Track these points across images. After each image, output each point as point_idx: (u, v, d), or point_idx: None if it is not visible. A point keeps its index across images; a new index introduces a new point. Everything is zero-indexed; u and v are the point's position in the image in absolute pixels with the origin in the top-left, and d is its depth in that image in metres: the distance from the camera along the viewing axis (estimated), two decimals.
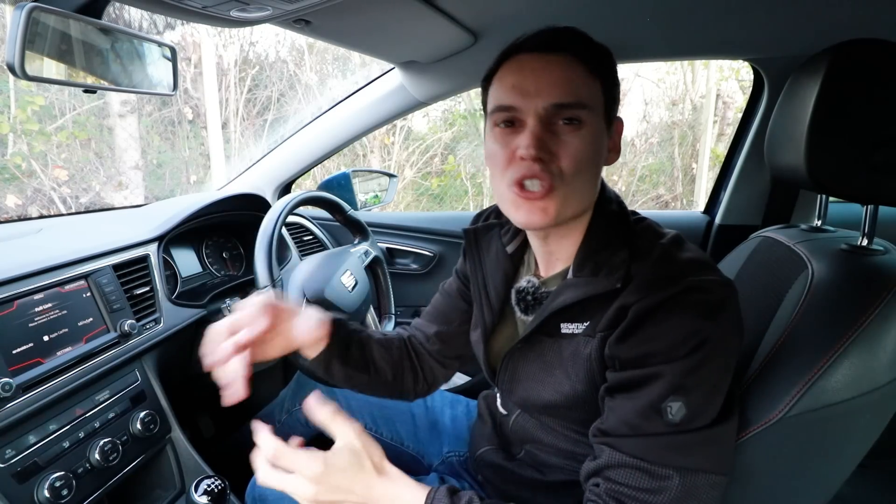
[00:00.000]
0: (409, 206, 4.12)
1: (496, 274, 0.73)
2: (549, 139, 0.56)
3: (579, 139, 0.57)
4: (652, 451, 0.53)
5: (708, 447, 0.53)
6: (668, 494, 0.52)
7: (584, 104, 0.56)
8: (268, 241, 0.86)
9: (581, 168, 0.57)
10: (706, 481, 0.52)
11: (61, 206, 2.90)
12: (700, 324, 0.52)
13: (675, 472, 0.52)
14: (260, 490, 0.81)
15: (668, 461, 0.52)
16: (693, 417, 0.52)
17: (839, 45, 0.60)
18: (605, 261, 0.60)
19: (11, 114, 2.70)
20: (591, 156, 0.58)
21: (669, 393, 0.52)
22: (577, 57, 0.57)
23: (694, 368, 0.52)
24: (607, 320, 0.57)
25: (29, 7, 0.64)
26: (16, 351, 0.72)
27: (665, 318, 0.53)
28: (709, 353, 0.52)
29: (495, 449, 0.80)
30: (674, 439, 0.52)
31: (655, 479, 0.52)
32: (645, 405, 0.53)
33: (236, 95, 3.58)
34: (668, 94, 4.35)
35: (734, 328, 0.55)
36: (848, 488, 0.67)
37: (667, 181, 4.35)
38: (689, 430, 0.52)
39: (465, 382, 1.56)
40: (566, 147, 0.56)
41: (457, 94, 1.39)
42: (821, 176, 0.61)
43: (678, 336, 0.52)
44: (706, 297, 0.53)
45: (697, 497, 0.52)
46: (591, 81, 0.58)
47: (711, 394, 0.53)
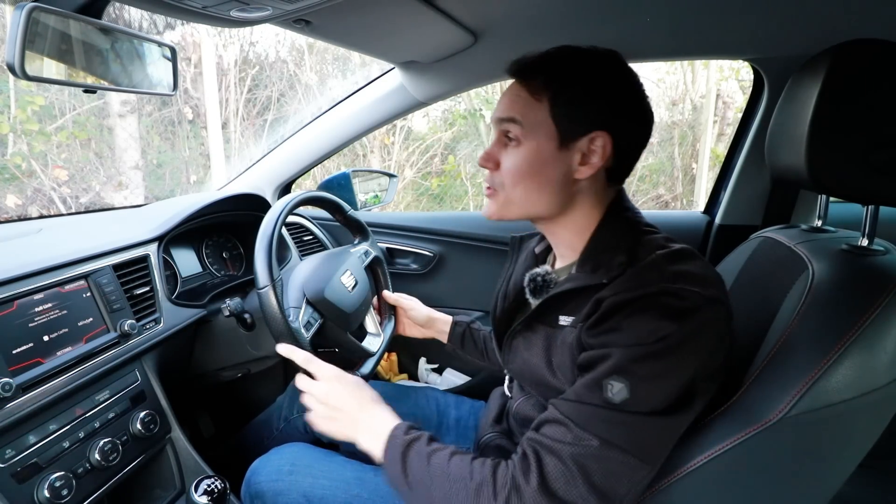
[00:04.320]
0: (409, 206, 4.12)
1: (521, 270, 0.82)
2: (498, 152, 0.69)
3: (514, 155, 0.66)
4: (582, 416, 0.56)
5: (638, 431, 0.55)
6: (580, 451, 0.55)
7: (516, 121, 0.65)
8: (268, 241, 0.86)
9: (516, 180, 0.67)
10: (623, 460, 0.54)
11: (61, 206, 2.90)
12: (664, 323, 0.55)
13: (597, 439, 0.55)
14: (255, 487, 0.82)
15: (594, 429, 0.55)
16: (632, 402, 0.54)
17: (839, 45, 0.60)
18: (604, 261, 0.64)
19: (11, 114, 2.70)
20: (527, 170, 0.66)
21: (613, 372, 0.55)
22: (523, 83, 0.66)
23: (645, 357, 0.54)
24: (585, 312, 0.61)
25: (29, 7, 0.64)
26: (16, 351, 0.72)
27: (631, 314, 0.56)
28: (666, 350, 0.54)
29: (498, 435, 0.84)
30: (607, 413, 0.55)
31: (575, 437, 0.56)
32: (591, 379, 0.57)
33: (236, 95, 3.58)
34: (668, 94, 4.35)
35: (704, 337, 0.56)
36: (848, 488, 0.67)
37: (667, 181, 4.35)
38: (624, 410, 0.55)
39: (465, 382, 1.56)
40: (505, 160, 0.68)
41: (457, 94, 1.39)
42: (821, 176, 0.61)
43: (640, 329, 0.55)
44: (678, 302, 0.56)
45: (608, 470, 0.55)
46: (531, 103, 0.65)
47: (659, 386, 0.55)
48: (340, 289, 0.99)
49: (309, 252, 1.44)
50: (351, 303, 1.00)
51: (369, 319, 1.13)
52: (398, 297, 1.15)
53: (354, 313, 1.01)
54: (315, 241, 1.52)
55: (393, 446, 0.65)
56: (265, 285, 0.83)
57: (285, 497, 0.79)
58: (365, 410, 0.71)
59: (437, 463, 0.62)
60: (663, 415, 0.55)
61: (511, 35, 1.07)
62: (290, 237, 1.39)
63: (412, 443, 0.64)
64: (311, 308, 0.93)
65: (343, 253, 1.10)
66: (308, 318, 0.92)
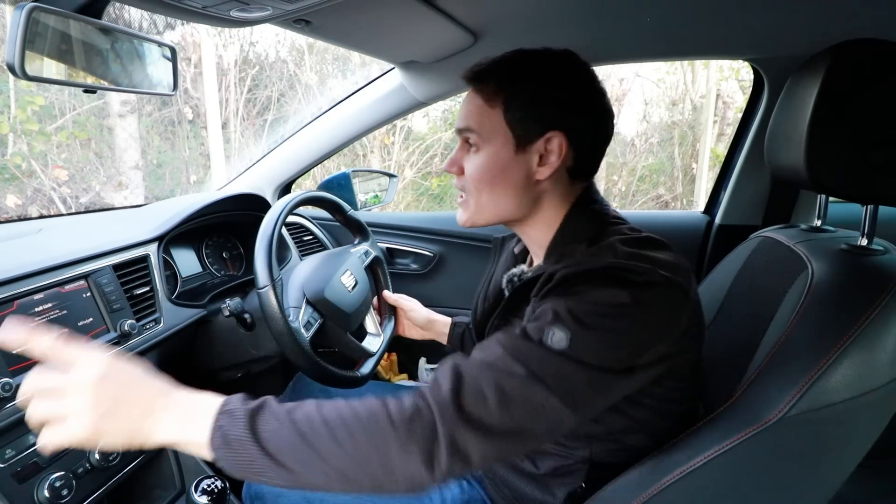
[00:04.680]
0: (409, 206, 4.12)
1: (501, 270, 0.83)
2: (462, 158, 0.70)
3: (475, 160, 0.68)
4: (515, 348, 0.54)
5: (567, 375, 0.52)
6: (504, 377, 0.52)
7: (472, 129, 0.67)
8: (268, 240, 0.86)
9: (480, 183, 0.68)
10: (545, 396, 0.52)
11: (61, 206, 2.90)
12: (617, 291, 0.54)
13: (524, 369, 0.52)
14: (256, 488, 0.82)
15: (524, 360, 0.53)
16: (569, 350, 0.52)
17: (839, 45, 0.60)
18: (568, 252, 0.65)
19: (11, 114, 2.70)
20: (488, 174, 0.67)
21: (558, 322, 0.53)
22: (477, 90, 0.67)
23: (592, 315, 0.53)
24: (538, 287, 0.61)
25: (29, 7, 0.64)
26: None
27: (584, 282, 0.56)
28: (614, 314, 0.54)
29: None
30: (541, 352, 0.53)
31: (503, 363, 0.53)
32: (534, 326, 0.55)
33: (236, 95, 3.58)
34: (668, 94, 4.35)
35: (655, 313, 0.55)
36: (848, 488, 0.67)
37: (667, 181, 4.35)
38: (559, 354, 0.52)
39: None
40: (467, 166, 0.69)
41: (457, 94, 1.39)
42: (821, 176, 0.61)
43: (593, 294, 0.55)
44: (630, 275, 0.56)
45: (528, 402, 0.52)
46: (485, 110, 0.66)
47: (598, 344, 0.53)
48: (340, 289, 0.99)
49: (309, 252, 1.44)
50: (351, 303, 1.00)
51: (369, 319, 1.13)
52: (398, 297, 1.15)
53: (354, 313, 1.01)
54: (315, 241, 1.52)
55: (230, 419, 0.51)
56: (265, 285, 0.83)
57: (286, 498, 0.79)
58: (171, 398, 0.54)
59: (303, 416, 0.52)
60: (595, 369, 0.53)
61: (511, 35, 1.07)
62: (290, 237, 1.39)
63: (259, 407, 0.53)
64: (311, 308, 0.93)
65: (343, 253, 1.10)
66: (308, 317, 0.92)
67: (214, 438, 0.51)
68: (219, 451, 0.51)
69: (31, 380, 0.52)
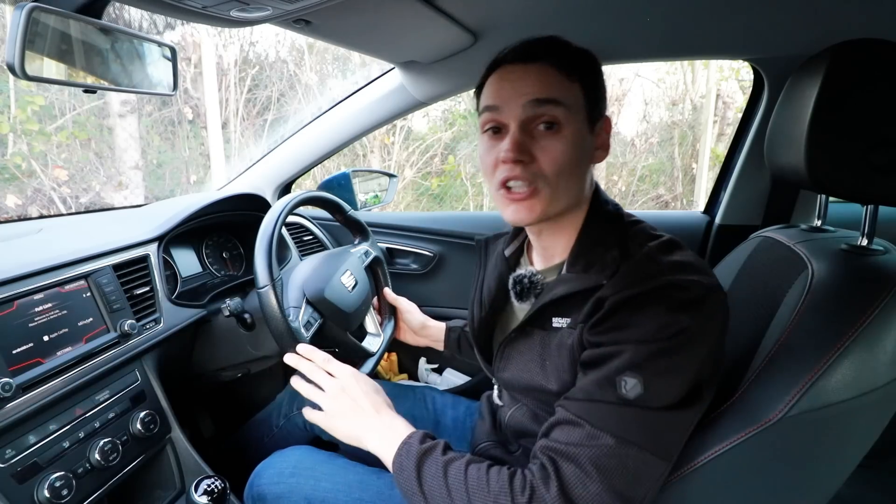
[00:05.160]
0: (409, 206, 4.11)
1: (492, 275, 0.80)
2: (529, 143, 0.61)
3: (557, 142, 0.61)
4: (595, 415, 0.55)
5: (653, 427, 0.54)
6: (596, 451, 0.54)
7: (558, 101, 0.60)
8: (268, 240, 0.86)
9: (562, 169, 0.61)
10: (640, 457, 0.53)
11: (61, 206, 2.90)
12: (674, 316, 0.54)
13: (612, 437, 0.53)
14: (258, 489, 0.82)
15: (609, 427, 0.54)
16: (647, 398, 0.53)
17: (839, 45, 0.60)
18: (596, 258, 0.63)
19: (11, 114, 2.69)
20: (571, 157, 0.62)
21: (627, 368, 0.54)
22: (552, 63, 0.61)
23: (659, 353, 0.53)
24: (586, 313, 0.60)
25: (29, 7, 0.64)
26: (16, 351, 0.72)
27: (639, 309, 0.55)
28: (679, 343, 0.54)
29: (494, 444, 0.82)
30: (621, 410, 0.54)
31: (590, 437, 0.54)
32: (602, 376, 0.55)
33: (236, 95, 3.58)
34: (668, 94, 4.35)
35: (712, 326, 0.56)
36: (848, 488, 0.67)
37: (667, 181, 4.35)
38: (639, 406, 0.53)
39: (464, 383, 1.56)
40: (545, 150, 0.61)
41: (457, 94, 1.39)
42: (821, 176, 0.61)
43: (652, 324, 0.54)
44: (683, 293, 0.55)
45: (626, 467, 0.53)
46: (567, 83, 0.61)
47: (673, 380, 0.54)
48: (340, 289, 0.99)
49: (309, 252, 1.43)
50: (351, 303, 1.00)
51: (369, 319, 1.13)
52: (397, 297, 1.15)
53: (354, 313, 1.01)
54: (315, 241, 1.52)
55: (408, 454, 0.64)
56: (265, 285, 0.83)
57: (287, 500, 0.79)
58: (379, 414, 0.70)
59: (454, 474, 0.61)
60: (677, 408, 0.54)
61: (511, 35, 1.06)
62: (290, 237, 1.39)
63: (428, 452, 0.63)
64: (310, 308, 0.93)
65: (343, 253, 1.10)
66: (308, 317, 0.92)
67: (394, 463, 0.64)
68: (396, 473, 0.64)
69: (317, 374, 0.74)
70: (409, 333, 1.13)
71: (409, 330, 1.12)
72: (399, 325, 1.14)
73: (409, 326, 1.12)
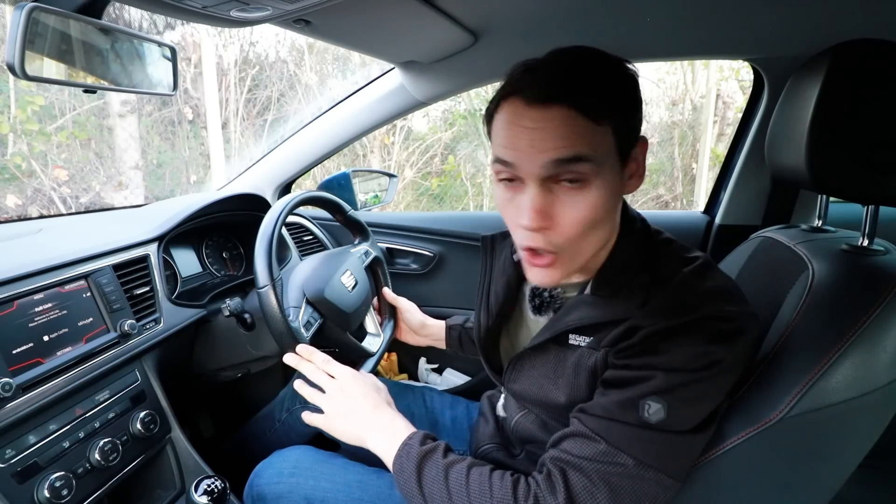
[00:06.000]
0: (409, 206, 4.11)
1: (500, 280, 0.77)
2: (550, 204, 0.54)
3: (583, 201, 0.53)
4: (614, 435, 0.54)
5: (671, 450, 0.54)
6: (611, 469, 0.53)
7: (585, 157, 0.52)
8: (268, 240, 0.86)
9: (587, 230, 0.55)
10: (656, 479, 0.53)
11: (61, 206, 2.90)
12: (710, 347, 0.53)
13: (631, 458, 0.53)
14: (258, 489, 0.82)
15: (627, 449, 0.53)
16: (669, 423, 0.53)
17: (839, 45, 0.60)
18: (625, 283, 0.59)
19: (11, 114, 2.69)
20: (599, 214, 0.54)
21: (653, 393, 0.53)
22: (577, 107, 0.51)
23: (689, 382, 0.53)
24: (614, 337, 0.58)
25: (29, 7, 0.64)
26: (16, 351, 0.72)
27: (674, 337, 0.53)
28: (710, 374, 0.53)
29: (496, 447, 0.81)
30: (641, 433, 0.53)
31: (607, 456, 0.53)
32: (626, 398, 0.54)
33: (236, 95, 3.58)
34: (668, 94, 4.35)
35: (745, 356, 0.56)
36: (848, 488, 0.67)
37: (667, 181, 4.35)
38: (659, 430, 0.53)
39: (464, 383, 1.56)
40: (569, 211, 0.54)
41: (457, 94, 1.39)
42: (821, 176, 0.61)
43: (687, 354, 0.53)
44: (723, 325, 0.54)
45: (640, 489, 0.53)
46: (595, 130, 0.52)
47: (698, 408, 0.54)
48: (340, 289, 0.99)
49: (309, 252, 1.43)
50: (351, 303, 1.00)
51: (369, 319, 1.13)
52: (396, 297, 1.15)
53: (354, 313, 1.01)
54: (315, 241, 1.52)
55: (408, 456, 0.63)
56: (265, 285, 0.83)
57: (287, 499, 0.79)
58: (379, 413, 0.70)
59: (455, 477, 0.60)
60: (695, 432, 0.54)
61: (511, 35, 1.07)
62: (290, 237, 1.39)
63: (429, 454, 0.63)
64: (310, 308, 0.93)
65: (343, 253, 1.10)
66: (308, 317, 0.92)
67: (395, 464, 0.64)
68: (396, 474, 0.64)
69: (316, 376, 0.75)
70: (409, 333, 1.13)
71: (410, 330, 1.12)
72: (399, 325, 1.14)
73: (409, 326, 1.12)
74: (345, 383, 0.73)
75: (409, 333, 1.13)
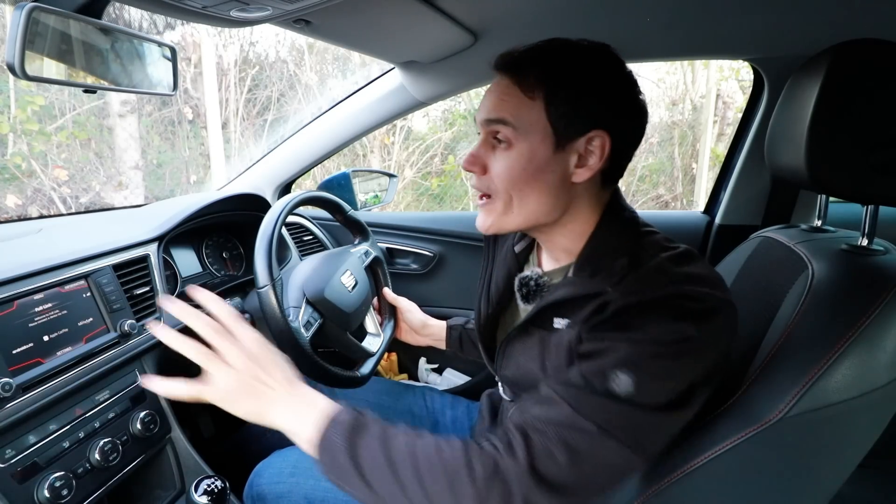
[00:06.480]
0: (409, 206, 4.11)
1: (501, 269, 0.79)
2: (486, 154, 0.64)
3: (506, 158, 0.62)
4: (581, 402, 0.53)
5: (636, 424, 0.53)
6: (573, 435, 0.52)
7: (507, 122, 0.60)
8: (267, 240, 0.86)
9: (511, 185, 0.62)
10: (617, 450, 0.52)
11: (61, 206, 2.90)
12: (680, 324, 0.53)
13: (594, 426, 0.52)
14: (258, 489, 0.82)
15: (591, 415, 0.52)
16: (636, 396, 0.52)
17: (839, 45, 0.60)
18: (605, 266, 0.61)
19: (11, 114, 2.70)
20: (521, 174, 0.61)
21: (622, 365, 0.52)
22: (513, 79, 0.61)
23: (658, 356, 0.52)
24: (587, 313, 0.59)
25: (29, 7, 0.64)
26: (16, 351, 0.72)
27: (643, 314, 0.54)
28: (680, 350, 0.53)
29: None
30: (607, 403, 0.52)
31: (571, 421, 0.53)
32: (595, 368, 0.54)
33: (236, 95, 3.58)
34: (668, 94, 4.35)
35: (718, 341, 0.55)
36: (848, 488, 0.67)
37: (667, 181, 4.35)
38: (626, 403, 0.52)
39: (465, 383, 1.56)
40: (495, 164, 0.63)
41: (457, 94, 1.39)
42: (821, 176, 0.61)
43: (657, 328, 0.53)
44: (693, 304, 0.54)
45: (600, 458, 0.52)
46: (524, 102, 0.60)
47: (666, 385, 0.53)
48: (340, 289, 0.99)
49: (309, 252, 1.43)
50: (351, 303, 1.00)
51: (369, 319, 1.13)
52: (396, 297, 1.15)
53: (354, 313, 1.01)
54: (315, 241, 1.52)
55: (336, 429, 0.57)
56: (265, 285, 0.83)
57: (287, 499, 0.79)
58: (295, 389, 0.61)
59: (397, 446, 0.55)
60: (664, 411, 0.53)
61: (511, 35, 1.07)
62: (290, 237, 1.39)
63: (361, 427, 0.57)
64: (310, 308, 0.93)
65: (343, 253, 1.10)
66: (308, 317, 0.92)
67: (317, 440, 0.57)
68: (320, 454, 0.57)
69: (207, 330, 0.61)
70: (410, 333, 1.13)
71: (411, 329, 1.12)
72: (400, 325, 1.14)
73: (410, 326, 1.12)
74: (252, 347, 0.61)
75: (409, 333, 1.13)
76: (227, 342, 0.61)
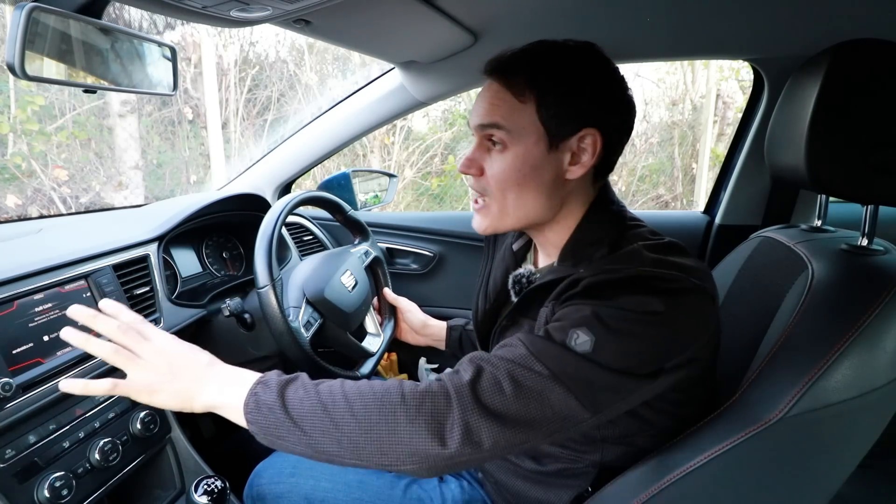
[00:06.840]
0: (409, 206, 4.11)
1: (499, 268, 0.80)
2: (482, 157, 0.65)
3: (501, 160, 0.63)
4: (539, 348, 0.54)
5: (588, 378, 0.53)
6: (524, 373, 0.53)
7: (500, 126, 0.62)
8: (268, 240, 0.86)
9: (506, 186, 0.63)
10: (565, 398, 0.53)
11: (61, 206, 2.90)
12: (647, 298, 0.53)
13: (547, 369, 0.53)
14: (258, 489, 0.82)
15: (545, 360, 0.53)
16: (594, 354, 0.53)
17: (839, 45, 0.60)
18: (586, 255, 0.63)
19: (11, 114, 2.69)
20: (516, 175, 0.63)
21: (583, 324, 0.53)
22: (503, 83, 0.62)
23: (620, 319, 0.53)
24: (560, 290, 0.60)
25: (29, 7, 0.64)
26: (16, 351, 0.72)
27: (611, 287, 0.55)
28: (644, 320, 0.53)
29: None
30: (564, 354, 0.53)
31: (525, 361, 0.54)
32: (558, 326, 0.55)
33: (236, 95, 3.58)
34: (668, 94, 4.35)
35: (687, 322, 0.55)
36: (848, 488, 0.67)
37: (667, 181, 4.35)
38: (582, 357, 0.53)
39: None
40: (491, 166, 0.64)
41: (457, 94, 1.39)
42: (821, 176, 0.61)
43: (620, 298, 0.54)
44: (662, 283, 0.55)
45: (547, 398, 0.53)
46: (516, 105, 0.61)
47: (626, 349, 0.53)
48: (340, 289, 0.99)
49: (309, 252, 1.43)
50: (351, 303, 1.00)
51: (369, 319, 1.13)
52: (397, 297, 1.15)
53: (354, 313, 1.01)
54: (315, 241, 1.52)
55: (265, 387, 0.58)
56: (265, 285, 0.83)
57: (287, 499, 0.79)
58: (217, 368, 0.62)
59: (328, 387, 0.57)
60: (621, 374, 0.53)
61: (511, 35, 1.07)
62: (290, 237, 1.39)
63: (291, 379, 0.59)
64: (310, 308, 0.93)
65: (343, 253, 1.10)
66: (308, 317, 0.92)
67: (248, 403, 0.57)
68: (250, 414, 0.57)
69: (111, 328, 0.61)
70: (410, 333, 1.13)
71: (411, 329, 1.12)
72: (400, 325, 1.14)
73: (410, 326, 1.12)
74: (163, 343, 0.62)
75: (409, 333, 1.13)
76: (135, 339, 0.61)
